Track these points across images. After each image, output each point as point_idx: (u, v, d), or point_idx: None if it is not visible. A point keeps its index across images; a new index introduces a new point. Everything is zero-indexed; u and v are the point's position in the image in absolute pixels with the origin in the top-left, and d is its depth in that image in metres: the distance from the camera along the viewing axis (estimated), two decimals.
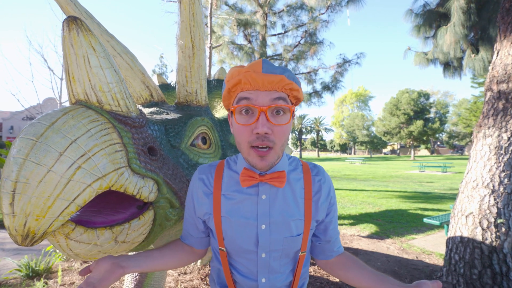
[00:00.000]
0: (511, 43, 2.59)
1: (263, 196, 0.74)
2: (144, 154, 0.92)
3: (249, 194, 0.75)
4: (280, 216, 0.74)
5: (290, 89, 0.66)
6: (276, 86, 0.64)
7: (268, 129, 0.63)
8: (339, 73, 8.93)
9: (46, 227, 0.65)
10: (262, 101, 0.64)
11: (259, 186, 0.74)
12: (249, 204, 0.74)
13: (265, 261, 0.75)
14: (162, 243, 1.33)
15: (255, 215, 0.73)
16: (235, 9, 8.48)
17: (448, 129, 43.20)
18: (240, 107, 0.66)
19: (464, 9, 3.10)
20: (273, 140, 0.65)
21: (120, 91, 0.86)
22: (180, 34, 1.13)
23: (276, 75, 0.64)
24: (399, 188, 10.03)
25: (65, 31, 0.75)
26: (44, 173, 0.63)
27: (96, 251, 0.80)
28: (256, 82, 0.63)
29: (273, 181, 0.71)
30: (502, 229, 2.44)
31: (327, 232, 0.82)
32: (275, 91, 0.65)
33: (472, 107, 25.29)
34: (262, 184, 0.74)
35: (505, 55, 2.63)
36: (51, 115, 0.71)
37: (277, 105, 0.64)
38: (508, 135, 2.52)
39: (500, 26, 2.72)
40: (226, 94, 0.71)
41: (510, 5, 2.63)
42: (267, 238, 0.73)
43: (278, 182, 0.71)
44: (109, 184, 0.76)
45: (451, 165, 18.48)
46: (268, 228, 0.73)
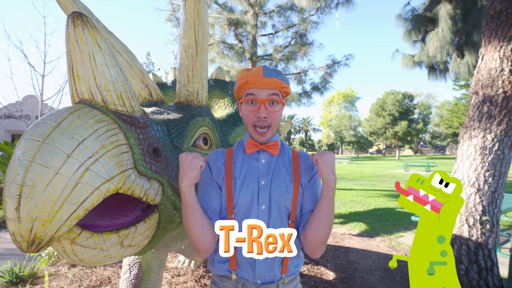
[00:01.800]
0: (495, 48, 2.71)
1: (262, 160, 0.98)
2: (149, 155, 0.90)
3: (252, 159, 0.98)
4: (276, 175, 0.96)
5: (281, 87, 0.94)
6: (272, 85, 0.92)
7: (266, 114, 0.92)
8: (328, 74, 9.05)
9: (53, 233, 0.62)
10: (262, 96, 0.92)
11: (259, 153, 0.98)
12: (252, 166, 0.97)
13: (264, 212, 0.92)
14: (162, 246, 1.31)
15: (257, 174, 0.95)
16: (226, 8, 8.43)
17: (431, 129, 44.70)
18: (247, 99, 0.94)
19: (451, 14, 3.22)
20: (269, 122, 0.93)
21: (125, 90, 0.83)
22: (183, 33, 1.11)
23: (272, 78, 0.92)
24: (386, 187, 10.29)
25: (69, 27, 0.72)
26: (51, 175, 0.61)
27: (101, 256, 0.77)
28: (259, 82, 0.91)
29: (269, 148, 0.97)
30: (487, 226, 2.55)
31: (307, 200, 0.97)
32: (271, 89, 0.93)
33: (453, 108, 26.31)
34: (262, 151, 0.98)
35: (489, 59, 2.75)
36: (57, 115, 0.68)
37: (273, 98, 0.93)
38: (492, 136, 2.63)
39: (485, 32, 2.84)
40: (237, 89, 0.97)
41: (495, 12, 2.75)
42: (267, 191, 0.93)
43: (273, 150, 0.97)
44: (117, 187, 0.73)
45: (434, 164, 19.15)
46: (267, 184, 0.94)
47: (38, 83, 9.06)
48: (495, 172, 2.61)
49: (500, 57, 2.67)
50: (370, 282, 2.78)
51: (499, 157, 2.61)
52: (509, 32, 2.66)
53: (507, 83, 2.63)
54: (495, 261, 2.54)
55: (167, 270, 3.01)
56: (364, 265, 3.19)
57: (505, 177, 2.65)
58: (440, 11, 3.32)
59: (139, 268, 1.70)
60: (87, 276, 2.83)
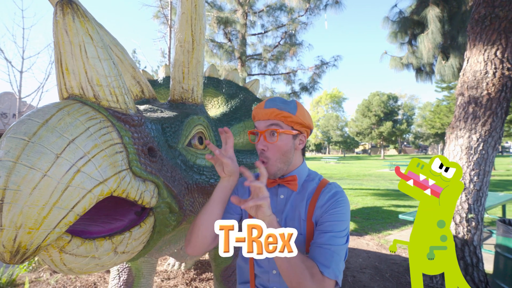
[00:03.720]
0: (480, 52, 2.80)
1: (281, 196, 0.93)
2: (144, 155, 0.84)
3: (272, 193, 0.94)
4: (291, 213, 0.89)
5: (282, 116, 0.88)
6: (270, 116, 0.89)
7: (264, 146, 0.89)
8: (317, 74, 9.14)
9: (40, 241, 0.56)
10: (261, 127, 0.91)
11: (279, 188, 0.94)
12: (271, 201, 0.85)
13: None
14: (155, 250, 1.25)
15: (274, 210, 0.90)
16: (215, 6, 8.34)
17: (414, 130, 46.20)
18: (252, 131, 0.97)
19: (440, 17, 3.31)
20: (267, 156, 0.89)
21: (119, 85, 0.77)
22: (179, 27, 1.06)
23: (271, 108, 0.89)
24: (372, 186, 10.51)
25: (58, 16, 0.66)
26: (38, 178, 0.55)
27: (93, 265, 0.71)
28: (259, 115, 0.91)
29: (287, 183, 0.91)
30: (472, 223, 2.63)
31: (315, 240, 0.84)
32: (269, 120, 0.89)
33: (435, 110, 27.27)
34: (282, 186, 0.94)
35: (474, 62, 2.84)
36: (44, 111, 0.61)
37: (270, 129, 0.89)
38: (477, 137, 2.72)
39: (470, 35, 2.94)
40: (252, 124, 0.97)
41: (479, 16, 2.84)
42: None
43: (291, 185, 0.91)
44: (111, 189, 0.68)
45: None
46: (282, 223, 0.89)
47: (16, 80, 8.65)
48: (479, 171, 2.70)
49: (484, 60, 2.77)
50: (361, 281, 2.81)
51: (483, 157, 2.70)
52: (492, 36, 2.76)
53: (491, 85, 2.72)
54: (480, 257, 2.62)
55: (157, 273, 2.91)
56: (355, 264, 3.23)
57: (488, 175, 2.74)
58: (428, 13, 3.41)
59: (129, 274, 1.63)
60: (71, 283, 2.69)
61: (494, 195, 4.49)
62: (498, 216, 4.66)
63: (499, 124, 2.72)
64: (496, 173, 14.17)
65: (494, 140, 2.73)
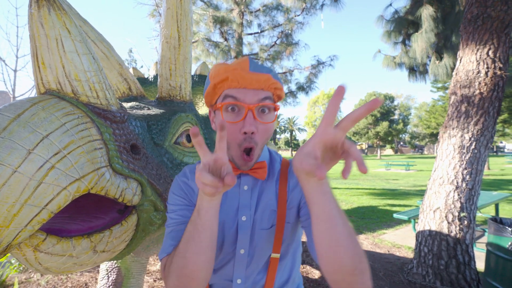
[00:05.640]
0: (473, 51, 2.82)
1: (245, 187, 0.72)
2: (127, 152, 0.83)
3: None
4: (262, 206, 0.71)
5: (274, 88, 0.67)
6: (263, 85, 0.65)
7: (255, 128, 0.63)
8: (314, 74, 9.15)
9: (10, 239, 0.54)
10: (250, 100, 0.64)
11: (241, 178, 0.72)
12: (231, 195, 0.72)
13: (242, 258, 0.70)
14: (142, 249, 1.23)
15: (236, 205, 0.71)
16: (211, 5, 8.31)
17: (410, 130, 46.56)
18: (227, 105, 0.64)
19: (433, 16, 3.33)
20: (256, 141, 0.65)
21: (99, 81, 0.76)
22: (165, 23, 1.04)
23: (263, 74, 0.64)
24: (368, 185, 10.56)
25: (33, 8, 0.64)
26: (8, 174, 0.53)
27: (70, 264, 0.70)
28: (244, 80, 0.63)
29: (253, 172, 0.70)
30: (465, 222, 2.64)
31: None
32: (262, 90, 0.65)
33: (431, 110, 27.47)
34: (244, 175, 0.72)
35: (467, 62, 2.86)
36: (16, 105, 0.60)
37: (264, 104, 0.65)
38: (469, 136, 2.74)
39: (462, 35, 2.95)
40: (210, 91, 0.68)
41: (472, 16, 2.86)
42: (247, 231, 0.70)
43: (258, 173, 0.70)
44: (88, 187, 0.66)
45: (414, 163, 19.88)
46: (249, 220, 0.70)
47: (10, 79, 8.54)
48: (472, 170, 2.71)
49: (477, 60, 2.78)
50: None
51: (475, 156, 2.71)
52: (485, 36, 2.77)
53: (483, 85, 2.74)
54: (472, 255, 2.64)
55: (149, 273, 2.89)
56: None
57: (481, 174, 2.76)
58: (422, 13, 3.42)
59: (118, 273, 1.61)
60: (61, 283, 2.66)
61: (487, 194, 4.53)
62: (492, 215, 4.70)
63: (491, 123, 2.74)
64: (491, 173, 14.31)
65: (486, 139, 2.75)
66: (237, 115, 0.65)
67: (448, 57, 3.84)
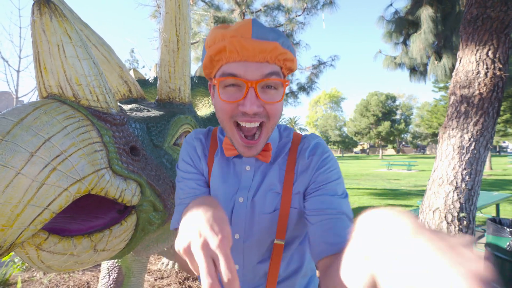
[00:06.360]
0: (472, 52, 2.82)
1: (247, 167, 0.66)
2: (126, 154, 0.85)
3: (232, 165, 0.67)
4: (263, 187, 0.64)
5: (284, 60, 0.55)
6: (268, 56, 0.53)
7: (258, 108, 0.54)
8: (315, 74, 9.15)
9: (14, 238, 0.57)
10: (252, 75, 0.53)
11: (243, 157, 0.65)
12: (233, 173, 0.66)
13: (237, 243, 0.65)
14: (142, 248, 1.25)
15: (237, 187, 0.65)
16: (212, 6, 8.34)
17: (412, 130, 46.46)
18: (224, 80, 0.55)
19: (432, 17, 3.34)
20: (265, 115, 0.56)
21: (99, 85, 0.78)
22: (164, 27, 1.07)
23: (268, 42, 0.52)
24: (369, 185, 10.55)
25: (35, 15, 0.66)
26: (11, 176, 0.55)
27: (71, 262, 0.72)
28: (245, 50, 0.51)
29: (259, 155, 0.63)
30: (464, 222, 2.65)
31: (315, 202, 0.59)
32: (267, 63, 0.53)
33: (433, 109, 27.38)
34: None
35: (467, 62, 2.86)
36: (19, 109, 0.62)
37: (270, 79, 0.53)
38: (469, 136, 2.74)
39: (462, 36, 2.96)
40: (207, 63, 0.57)
41: (471, 17, 2.86)
42: (242, 214, 0.64)
43: (262, 156, 0.63)
44: (89, 188, 0.68)
45: (415, 163, 19.84)
46: (245, 203, 0.63)
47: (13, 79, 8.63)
48: (471, 171, 2.72)
49: (476, 60, 2.79)
50: None
51: (475, 156, 2.72)
52: (484, 37, 2.78)
53: (482, 85, 2.74)
54: None
55: (150, 272, 2.92)
56: None
57: (480, 175, 2.76)
58: (422, 13, 3.43)
59: (119, 272, 1.63)
60: (64, 282, 2.70)
61: (488, 194, 4.52)
62: (493, 216, 4.70)
63: (491, 124, 2.75)
64: (493, 173, 14.25)
65: (486, 140, 2.75)
66: (236, 91, 0.55)
67: (446, 58, 3.84)
